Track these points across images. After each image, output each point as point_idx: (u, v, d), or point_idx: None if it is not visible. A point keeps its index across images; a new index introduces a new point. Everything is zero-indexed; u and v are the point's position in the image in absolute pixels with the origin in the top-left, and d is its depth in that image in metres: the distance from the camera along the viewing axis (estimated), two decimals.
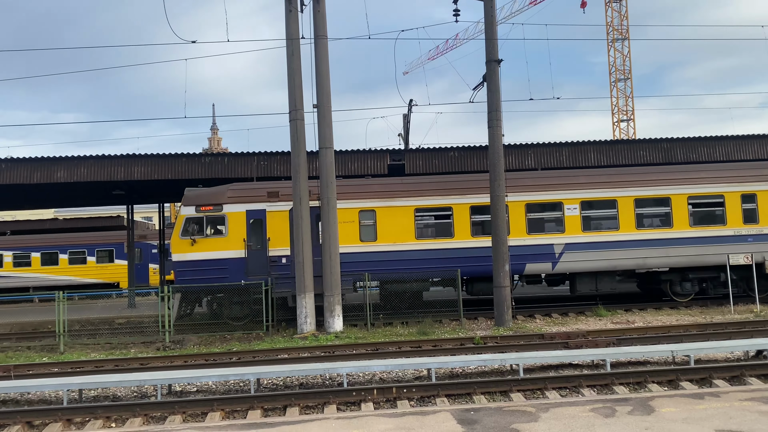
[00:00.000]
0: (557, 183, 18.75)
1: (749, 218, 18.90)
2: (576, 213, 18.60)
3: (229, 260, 18.18)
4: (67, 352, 15.45)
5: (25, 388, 9.97)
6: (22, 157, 21.26)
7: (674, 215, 18.70)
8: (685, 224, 18.69)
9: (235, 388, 10.76)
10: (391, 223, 18.46)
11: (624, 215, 18.62)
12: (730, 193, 18.85)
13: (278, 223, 18.25)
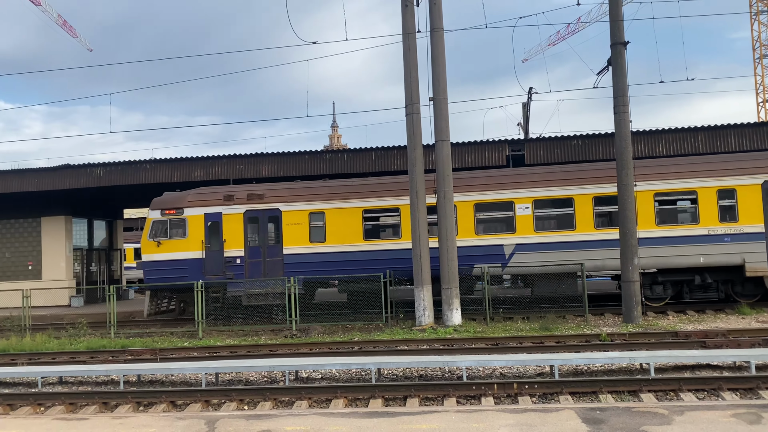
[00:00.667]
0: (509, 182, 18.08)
1: (727, 216, 16.93)
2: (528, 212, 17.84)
3: (189, 260, 19.14)
4: (204, 338, 16.65)
5: (169, 370, 10.85)
6: (163, 158, 23.15)
7: (639, 214, 16.75)
8: (651, 223, 16.99)
9: (357, 376, 11.05)
10: (339, 225, 18.63)
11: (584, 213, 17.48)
12: (704, 189, 16.93)
13: (233, 225, 19.06)
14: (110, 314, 17.80)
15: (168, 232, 19.49)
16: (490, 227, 18.33)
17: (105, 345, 15.74)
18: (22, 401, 9.95)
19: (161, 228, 19.59)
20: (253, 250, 19.21)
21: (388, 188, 18.75)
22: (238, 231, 19.11)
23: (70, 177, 23.56)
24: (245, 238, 19.08)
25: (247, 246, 19.08)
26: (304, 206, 18.94)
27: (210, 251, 19.26)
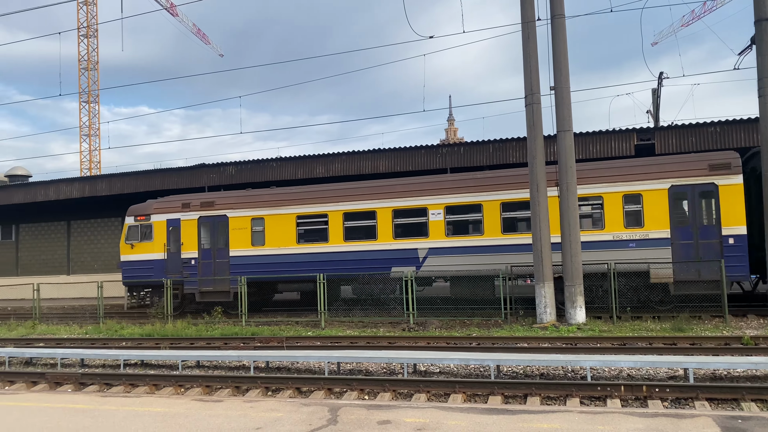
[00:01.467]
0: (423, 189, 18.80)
1: (632, 222, 16.75)
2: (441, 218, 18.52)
3: (155, 261, 21.62)
4: (327, 328, 17.26)
5: (294, 358, 11.35)
6: (288, 157, 24.23)
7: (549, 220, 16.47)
8: (555, 228, 16.46)
9: (475, 372, 10.95)
10: (276, 230, 20.16)
11: (491, 219, 17.95)
12: (610, 194, 16.88)
13: (189, 230, 21.26)
14: (241, 304, 18.94)
15: (139, 236, 22.14)
16: (406, 232, 19.01)
17: (237, 332, 16.78)
18: (165, 382, 10.85)
19: (134, 232, 22.27)
20: (205, 252, 21.32)
21: (317, 196, 20.14)
22: (193, 235, 21.35)
23: (206, 175, 25.31)
24: (199, 242, 21.31)
25: (201, 248, 21.29)
26: (247, 212, 20.80)
27: (171, 253, 21.66)
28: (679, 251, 16.43)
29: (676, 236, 16.50)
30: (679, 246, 16.46)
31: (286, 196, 20.58)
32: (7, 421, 7.34)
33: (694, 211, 16.55)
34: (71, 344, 16.38)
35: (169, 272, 21.45)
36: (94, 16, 63.29)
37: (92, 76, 63.68)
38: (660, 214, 16.58)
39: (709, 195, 16.42)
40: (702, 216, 16.57)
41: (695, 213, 16.53)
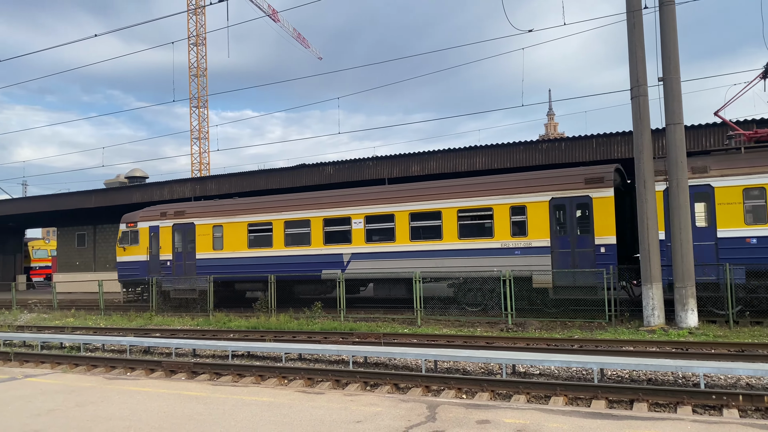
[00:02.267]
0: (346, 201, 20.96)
1: (518, 231, 18.13)
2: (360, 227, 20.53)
3: (140, 262, 25.04)
4: (423, 326, 17.33)
5: (392, 354, 11.49)
6: (384, 156, 24.51)
7: (444, 228, 18.98)
8: (454, 236, 18.75)
9: (577, 375, 10.62)
10: (232, 236, 22.96)
11: (402, 228, 19.75)
12: (499, 206, 18.33)
13: (166, 235, 24.52)
14: (340, 300, 19.40)
15: (129, 241, 25.51)
16: (334, 239, 21.07)
17: (336, 327, 17.21)
18: (270, 373, 11.33)
19: (126, 237, 25.68)
20: (177, 255, 24.40)
21: (264, 206, 22.65)
22: (169, 240, 24.49)
23: (306, 175, 26.12)
24: (173, 246, 24.40)
25: (174, 252, 24.42)
26: (210, 220, 23.65)
27: (152, 255, 24.86)
28: (558, 259, 17.58)
29: (555, 245, 17.71)
30: (558, 254, 17.64)
31: (240, 206, 23.43)
32: (129, 403, 7.95)
33: (571, 221, 17.64)
34: (184, 335, 17.45)
35: (151, 272, 24.88)
36: (202, 26, 67.01)
37: (201, 82, 67.45)
38: (542, 224, 17.82)
39: (584, 207, 17.49)
40: (578, 226, 17.58)
41: (573, 223, 17.63)
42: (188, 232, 24.19)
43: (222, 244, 23.42)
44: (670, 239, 15.21)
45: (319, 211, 21.49)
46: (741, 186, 15.63)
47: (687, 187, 14.97)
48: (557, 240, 17.71)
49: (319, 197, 21.80)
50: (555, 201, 17.75)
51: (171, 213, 24.56)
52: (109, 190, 33.70)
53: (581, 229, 17.49)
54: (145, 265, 25.02)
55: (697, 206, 16.02)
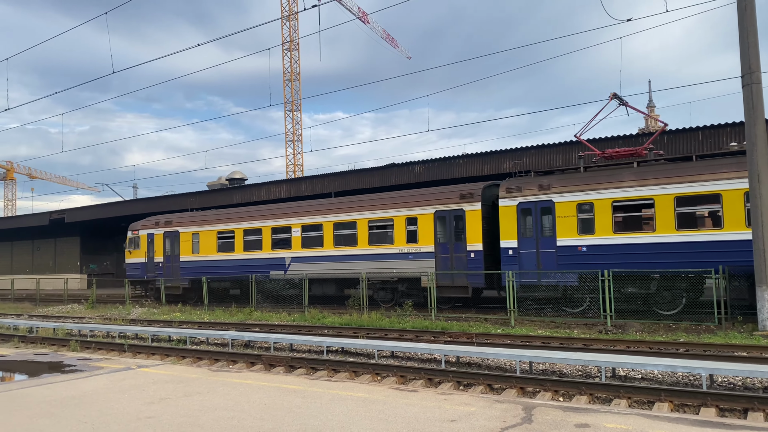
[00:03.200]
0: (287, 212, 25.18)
1: (411, 238, 21.14)
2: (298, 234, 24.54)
3: (140, 264, 30.24)
4: (516, 326, 17.00)
5: (485, 355, 11.36)
6: (474, 153, 24.26)
7: (358, 236, 22.40)
8: (364, 243, 22.22)
9: (683, 381, 10.05)
10: (206, 242, 27.57)
11: (327, 236, 23.45)
12: (398, 217, 21.45)
13: (159, 241, 29.49)
14: (431, 299, 19.41)
15: (133, 246, 30.56)
16: (279, 244, 25.11)
17: (427, 326, 17.23)
18: (363, 369, 11.52)
19: (131, 242, 30.74)
20: (167, 258, 29.16)
21: (228, 217, 27.34)
22: (161, 245, 29.39)
23: (395, 174, 26.34)
24: (164, 250, 29.24)
25: (165, 255, 29.21)
26: (190, 229, 28.37)
27: (149, 258, 29.81)
28: (440, 262, 20.81)
29: (438, 250, 20.92)
30: (440, 258, 20.82)
31: (212, 216, 28.08)
32: (233, 395, 8.34)
33: (450, 230, 20.69)
34: (281, 330, 18.08)
35: (149, 272, 29.82)
36: (295, 31, 69.07)
37: (294, 86, 69.55)
38: (428, 233, 21.00)
39: (459, 218, 20.49)
40: (455, 234, 20.57)
41: (451, 232, 20.66)
42: (175, 239, 28.94)
43: (199, 249, 28.15)
44: None
45: (268, 221, 25.58)
46: (575, 201, 18.02)
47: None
48: (439, 246, 20.93)
49: (268, 210, 26.23)
50: (438, 213, 20.96)
51: (162, 222, 29.72)
52: (212, 192, 35.49)
53: (457, 237, 20.56)
54: (144, 266, 30.19)
55: (540, 218, 18.79)
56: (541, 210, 18.67)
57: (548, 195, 18.53)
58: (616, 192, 17.43)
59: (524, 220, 19.04)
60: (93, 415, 7.29)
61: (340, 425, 6.59)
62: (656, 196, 16.80)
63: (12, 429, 6.78)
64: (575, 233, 18.01)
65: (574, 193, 18.11)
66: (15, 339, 17.43)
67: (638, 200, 17.15)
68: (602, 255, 17.50)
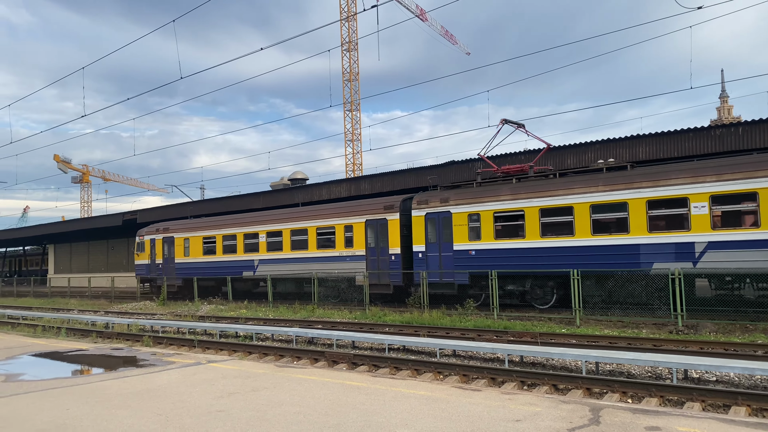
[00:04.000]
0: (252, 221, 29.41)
1: (348, 244, 24.92)
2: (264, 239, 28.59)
3: (146, 265, 35.04)
4: (582, 326, 16.60)
5: (549, 354, 11.16)
6: (536, 149, 23.80)
7: (309, 242, 26.49)
8: (314, 247, 26.28)
9: (763, 384, 9.58)
10: (195, 246, 32.06)
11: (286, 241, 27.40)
12: (338, 225, 25.37)
13: (159, 245, 34.14)
14: (492, 297, 19.20)
15: (140, 249, 35.52)
16: (250, 248, 29.13)
17: (489, 325, 17.06)
18: (425, 368, 11.53)
19: (138, 246, 35.69)
20: (165, 259, 33.83)
21: (213, 224, 31.57)
22: (160, 249, 34.15)
23: (454, 172, 26.18)
24: (163, 253, 33.93)
25: (163, 257, 33.90)
26: (182, 234, 32.98)
27: (152, 260, 34.59)
28: (370, 264, 24.12)
29: (368, 254, 24.25)
30: (370, 260, 24.15)
31: (200, 223, 32.52)
32: (298, 390, 8.52)
33: (376, 237, 23.99)
34: (343, 327, 18.30)
35: (151, 272, 34.62)
36: (354, 32, 69.65)
37: (354, 86, 70.15)
38: (361, 239, 24.41)
39: (383, 226, 23.81)
40: (380, 240, 23.92)
41: (377, 238, 23.97)
42: (171, 243, 33.53)
43: (189, 252, 32.51)
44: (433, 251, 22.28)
45: (242, 228, 29.65)
46: (466, 212, 21.21)
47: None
48: (369, 250, 24.26)
49: (242, 218, 30.33)
50: (368, 222, 24.31)
51: (161, 229, 34.43)
52: (275, 192, 36.28)
53: (382, 242, 23.84)
54: (148, 266, 34.97)
55: (442, 227, 21.96)
56: (443, 219, 22.03)
57: (447, 207, 21.85)
58: (496, 204, 20.53)
59: (430, 228, 22.32)
60: (167, 408, 7.61)
61: (403, 422, 6.63)
62: (526, 208, 19.79)
63: (94, 419, 7.16)
64: (467, 239, 21.26)
65: (466, 205, 21.36)
66: (93, 334, 18.36)
67: (513, 212, 20.13)
68: (488, 258, 20.58)
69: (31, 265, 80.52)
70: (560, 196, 18.96)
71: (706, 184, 16.37)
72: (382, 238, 23.81)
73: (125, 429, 6.67)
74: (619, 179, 18.07)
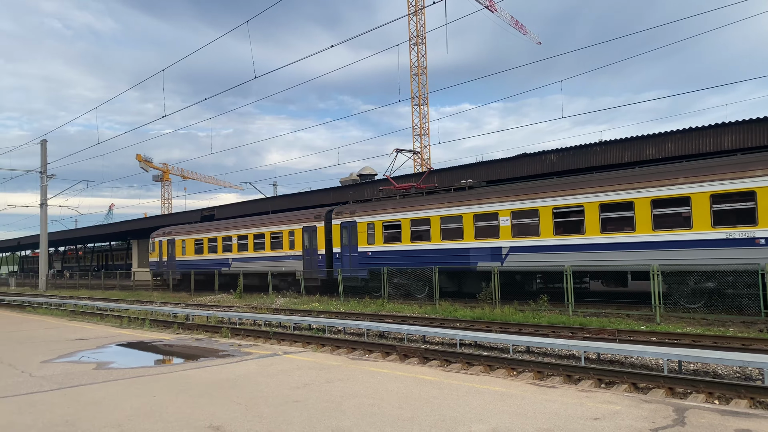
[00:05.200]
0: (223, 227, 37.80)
1: (291, 245, 31.40)
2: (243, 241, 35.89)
3: (156, 262, 43.27)
4: (663, 323, 15.94)
5: (628, 352, 10.77)
6: (612, 140, 23.00)
7: (265, 243, 33.31)
8: (269, 248, 33.07)
9: None
10: (189, 246, 40.09)
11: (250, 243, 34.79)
12: (285, 230, 31.96)
13: (165, 246, 42.16)
14: (568, 294, 18.74)
15: (152, 248, 44.10)
16: (226, 249, 36.64)
17: (564, 321, 16.66)
18: (498, 364, 11.38)
19: (150, 246, 44.27)
20: (169, 257, 41.91)
21: (201, 229, 39.33)
22: (165, 249, 42.32)
23: (527, 165, 25.67)
24: (168, 252, 42.05)
25: (168, 256, 42.00)
26: (180, 237, 40.97)
27: (160, 258, 42.89)
28: (305, 262, 30.38)
29: (304, 254, 30.57)
30: (306, 259, 30.46)
31: (193, 228, 40.41)
32: (371, 383, 8.60)
33: (310, 240, 30.24)
34: (413, 322, 18.33)
35: (159, 268, 43.00)
36: (422, 26, 69.39)
37: (422, 80, 69.95)
38: (299, 242, 30.85)
39: (314, 232, 30.03)
40: (313, 242, 30.09)
41: (311, 241, 30.21)
42: (172, 244, 41.78)
43: (185, 252, 40.53)
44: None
45: (221, 232, 37.35)
46: (365, 222, 27.24)
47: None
48: (305, 251, 30.55)
49: (222, 224, 37.79)
50: (304, 228, 30.66)
51: (167, 233, 42.68)
52: (344, 187, 36.73)
53: (311, 244, 30.11)
54: (157, 263, 43.44)
55: (351, 233, 27.80)
56: (351, 227, 27.92)
57: (354, 217, 27.87)
58: (384, 216, 26.37)
59: (344, 233, 28.17)
60: (246, 397, 7.86)
61: (478, 418, 6.58)
62: (402, 219, 25.54)
63: (179, 407, 7.48)
64: (366, 243, 27.17)
65: (365, 216, 27.28)
66: (175, 325, 19.19)
67: (395, 222, 25.86)
68: (380, 258, 26.33)
69: (117, 260, 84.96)
70: (423, 210, 25.01)
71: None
72: (312, 242, 30.16)
73: (208, 416, 6.94)
74: (457, 198, 23.95)
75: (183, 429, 6.43)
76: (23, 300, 34.15)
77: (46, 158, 49.08)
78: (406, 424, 6.39)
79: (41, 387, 8.93)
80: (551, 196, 20.35)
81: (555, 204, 20.24)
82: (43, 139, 48.60)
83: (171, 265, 41.89)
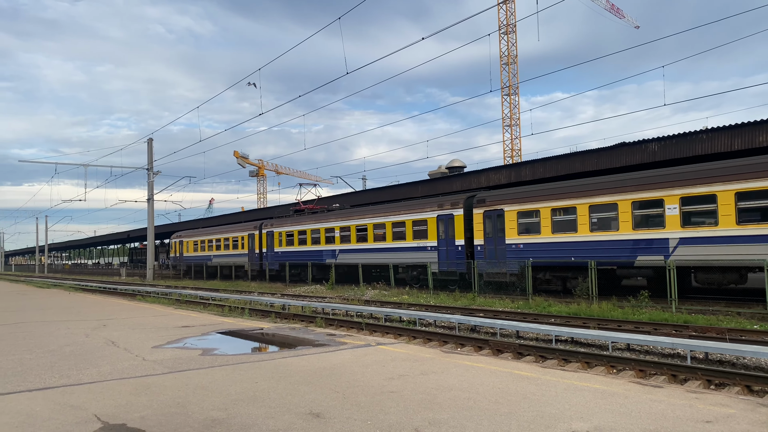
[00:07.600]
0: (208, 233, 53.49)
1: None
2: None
3: (174, 257, 59.86)
4: None
5: (740, 352, 10.10)
6: (720, 126, 21.58)
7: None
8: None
9: None
10: (191, 246, 55.57)
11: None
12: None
13: (177, 245, 58.98)
14: (670, 289, 17.79)
15: (170, 247, 62.53)
16: (212, 248, 50.71)
17: (666, 318, 15.86)
18: (596, 361, 11.01)
19: (169, 245, 64.00)
20: (180, 253, 57.46)
21: (199, 233, 55.20)
22: (178, 247, 57.82)
23: (626, 155, 24.57)
24: (180, 250, 57.07)
25: (179, 252, 57.16)
26: (187, 239, 56.38)
27: (176, 253, 58.55)
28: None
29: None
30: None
31: (194, 231, 55.18)
32: (466, 377, 8.56)
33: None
34: (506, 317, 18.06)
35: (175, 261, 57.91)
36: (512, 14, 67.91)
37: (512, 70, 68.52)
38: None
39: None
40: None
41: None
42: (181, 243, 56.42)
43: (190, 249, 54.50)
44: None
45: (211, 235, 50.36)
46: (284, 231, 40.14)
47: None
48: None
49: (211, 229, 50.87)
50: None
51: (181, 235, 57.14)
52: (433, 180, 36.68)
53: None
54: (175, 257, 58.22)
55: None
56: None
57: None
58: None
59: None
60: (343, 386, 8.05)
61: (578, 415, 6.40)
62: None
63: (280, 393, 7.78)
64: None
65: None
66: (272, 315, 19.93)
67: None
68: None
69: None
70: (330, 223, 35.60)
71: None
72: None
73: (308, 403, 7.16)
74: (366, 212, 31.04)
75: (284, 414, 6.67)
76: (133, 289, 36.66)
77: (152, 156, 52.25)
78: (503, 419, 6.31)
79: (154, 370, 9.55)
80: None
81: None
82: (150, 138, 51.77)
83: (182, 259, 54.10)
